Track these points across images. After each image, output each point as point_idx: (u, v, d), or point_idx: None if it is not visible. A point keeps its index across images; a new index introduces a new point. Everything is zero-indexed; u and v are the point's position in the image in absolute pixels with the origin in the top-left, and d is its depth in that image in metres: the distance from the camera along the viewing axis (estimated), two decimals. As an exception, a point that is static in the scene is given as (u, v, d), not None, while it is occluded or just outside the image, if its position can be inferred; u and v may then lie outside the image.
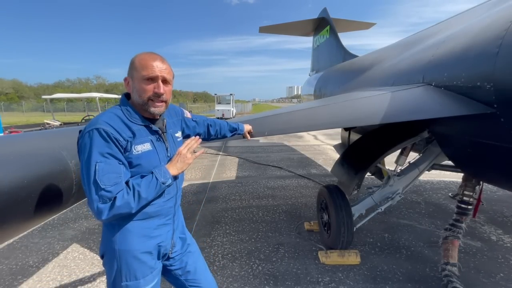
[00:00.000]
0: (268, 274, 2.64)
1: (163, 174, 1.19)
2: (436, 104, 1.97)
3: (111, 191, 1.05)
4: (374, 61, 3.90)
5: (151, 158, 1.21)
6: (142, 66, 1.17)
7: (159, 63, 1.20)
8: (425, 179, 5.56)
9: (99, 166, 1.05)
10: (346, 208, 2.80)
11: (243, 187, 5.31)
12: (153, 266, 1.28)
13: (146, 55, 1.20)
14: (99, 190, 1.03)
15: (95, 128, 1.07)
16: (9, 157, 1.34)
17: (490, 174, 2.15)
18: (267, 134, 2.29)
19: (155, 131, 1.26)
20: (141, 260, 1.22)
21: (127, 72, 1.25)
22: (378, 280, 2.53)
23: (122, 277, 1.20)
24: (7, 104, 41.89)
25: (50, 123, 11.10)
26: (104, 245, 1.24)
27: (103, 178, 1.04)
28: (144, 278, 1.24)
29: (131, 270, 1.21)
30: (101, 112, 1.20)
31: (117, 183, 1.07)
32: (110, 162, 1.08)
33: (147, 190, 1.14)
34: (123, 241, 1.19)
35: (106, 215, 1.05)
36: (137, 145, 1.17)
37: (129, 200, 1.09)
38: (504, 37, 1.57)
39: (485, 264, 2.78)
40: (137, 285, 1.22)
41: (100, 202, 1.04)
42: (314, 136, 12.80)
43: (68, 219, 3.89)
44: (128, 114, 1.19)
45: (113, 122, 1.12)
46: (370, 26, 8.38)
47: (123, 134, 1.13)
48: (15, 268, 2.76)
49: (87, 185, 1.05)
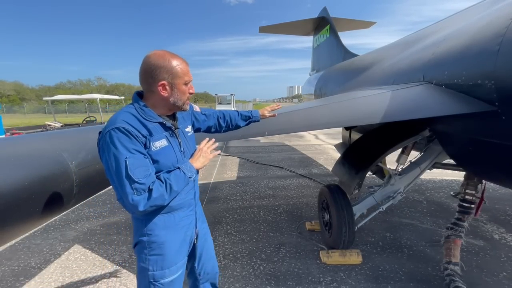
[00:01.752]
0: (269, 274, 2.63)
1: (189, 169, 1.29)
2: (437, 102, 1.96)
3: (144, 183, 1.11)
4: (374, 60, 3.89)
5: (168, 153, 1.27)
6: (183, 72, 1.27)
7: (189, 67, 1.32)
8: (427, 178, 5.54)
9: (129, 161, 1.10)
10: (347, 208, 2.79)
11: (244, 187, 5.31)
12: (179, 258, 1.37)
13: (179, 59, 1.27)
14: (132, 183, 1.09)
15: (116, 127, 1.13)
16: (11, 159, 1.34)
17: (492, 172, 2.14)
18: (268, 134, 2.29)
19: (169, 128, 1.31)
20: (167, 251, 1.31)
21: (148, 75, 1.24)
22: (380, 280, 2.52)
23: (150, 266, 1.29)
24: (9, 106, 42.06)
25: (52, 125, 11.13)
26: (136, 236, 1.33)
27: (135, 171, 1.10)
28: (169, 269, 1.32)
29: (158, 260, 1.29)
30: (116, 112, 1.24)
31: (147, 175, 1.13)
32: (137, 156, 1.13)
33: (177, 183, 1.22)
34: (151, 234, 1.28)
35: (143, 206, 1.11)
36: (155, 142, 1.22)
37: (163, 192, 1.16)
38: (505, 35, 1.56)
39: (488, 263, 2.77)
40: (163, 275, 1.31)
41: (135, 195, 1.10)
42: (315, 135, 12.79)
43: (70, 220, 3.90)
44: (143, 112, 1.24)
45: (130, 121, 1.18)
46: (370, 25, 8.37)
47: (141, 131, 1.18)
48: (17, 269, 2.77)
49: (119, 181, 1.11)
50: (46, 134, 1.95)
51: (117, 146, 1.11)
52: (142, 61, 1.25)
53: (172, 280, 1.34)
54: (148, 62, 1.22)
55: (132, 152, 1.12)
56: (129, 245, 3.20)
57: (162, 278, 1.31)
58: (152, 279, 1.30)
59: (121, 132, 1.12)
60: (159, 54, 1.23)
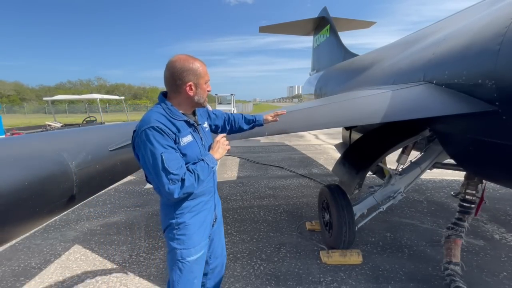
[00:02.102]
0: (269, 274, 2.63)
1: (211, 160, 1.47)
2: (437, 102, 1.96)
3: (178, 173, 1.28)
4: (375, 60, 3.89)
5: (194, 147, 1.44)
6: (205, 73, 1.45)
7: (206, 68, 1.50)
8: (427, 178, 5.53)
9: (164, 156, 1.26)
10: (347, 208, 2.79)
11: (244, 187, 5.31)
12: (202, 238, 1.55)
13: (201, 63, 1.44)
14: (168, 174, 1.25)
15: (151, 126, 1.28)
16: (11, 159, 1.34)
17: (492, 172, 2.14)
18: (268, 134, 2.28)
19: (192, 124, 1.48)
20: (193, 232, 1.49)
21: (176, 77, 1.39)
22: (380, 280, 2.52)
23: (178, 245, 1.47)
24: (9, 106, 42.07)
25: (52, 125, 11.13)
26: (164, 221, 1.51)
27: (170, 164, 1.26)
28: (194, 247, 1.50)
29: (184, 240, 1.48)
30: (147, 112, 1.39)
31: (180, 167, 1.30)
32: (170, 151, 1.29)
33: (203, 173, 1.39)
34: (179, 217, 1.46)
35: (177, 193, 1.29)
36: (183, 138, 1.38)
37: (193, 181, 1.34)
38: (505, 34, 1.56)
39: (488, 263, 2.76)
40: (189, 253, 1.49)
41: (171, 184, 1.27)
42: (315, 135, 12.79)
43: (70, 221, 3.90)
44: (170, 112, 1.39)
45: (162, 120, 1.33)
46: (370, 25, 8.37)
47: (171, 129, 1.34)
48: (17, 270, 2.77)
49: (156, 173, 1.27)
50: (46, 134, 1.95)
51: (153, 143, 1.26)
52: (168, 66, 1.39)
53: (196, 258, 1.52)
54: (175, 66, 1.38)
55: (166, 147, 1.28)
56: (129, 245, 3.21)
57: (189, 256, 1.49)
58: (180, 257, 1.48)
59: (155, 130, 1.27)
60: (183, 58, 1.40)
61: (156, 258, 2.92)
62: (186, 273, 1.51)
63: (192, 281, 1.54)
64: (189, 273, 1.51)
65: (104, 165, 1.83)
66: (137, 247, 3.16)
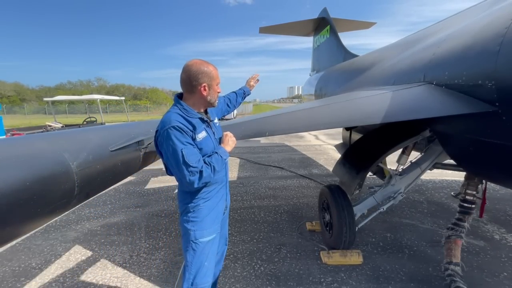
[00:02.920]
0: (270, 274, 2.63)
1: (224, 153, 1.64)
2: (437, 103, 1.96)
3: (197, 166, 1.45)
4: (375, 60, 3.89)
5: (208, 142, 1.61)
6: (216, 76, 1.63)
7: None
8: (427, 178, 5.53)
9: (185, 151, 1.43)
10: (348, 208, 2.79)
11: (244, 188, 5.31)
12: (214, 222, 1.70)
13: (213, 67, 1.62)
14: (188, 167, 1.43)
15: (172, 126, 1.45)
16: (11, 160, 1.34)
17: (492, 173, 2.14)
18: (268, 135, 2.29)
19: (205, 121, 1.65)
20: (206, 216, 1.64)
21: (192, 79, 1.55)
22: (381, 280, 2.52)
23: (192, 227, 1.63)
24: (9, 107, 42.07)
25: (52, 125, 11.14)
26: (182, 205, 1.67)
27: (190, 158, 1.43)
28: (207, 230, 1.65)
29: (198, 222, 1.63)
30: (166, 113, 1.56)
31: (198, 160, 1.47)
32: (189, 147, 1.46)
33: (218, 165, 1.56)
34: (194, 201, 1.62)
35: (197, 184, 1.47)
36: (198, 134, 1.55)
37: (210, 172, 1.51)
38: (505, 35, 1.56)
39: (489, 263, 2.76)
40: (202, 234, 1.64)
41: (191, 176, 1.44)
42: (315, 136, 12.79)
43: (71, 221, 3.90)
44: (185, 111, 1.56)
45: (180, 120, 1.50)
46: (370, 26, 8.37)
47: (189, 127, 1.51)
48: (18, 270, 2.77)
49: (178, 167, 1.44)
50: (47, 134, 1.95)
51: (174, 141, 1.44)
52: (185, 69, 1.57)
53: (208, 240, 1.66)
54: (191, 70, 1.55)
55: (185, 144, 1.45)
56: (130, 245, 3.21)
57: (201, 237, 1.63)
58: (194, 238, 1.62)
59: (175, 129, 1.45)
60: (199, 62, 1.58)
61: (157, 258, 2.92)
62: (199, 253, 1.64)
63: (203, 263, 1.66)
64: (202, 254, 1.65)
65: (105, 166, 1.83)
66: (138, 247, 3.16)
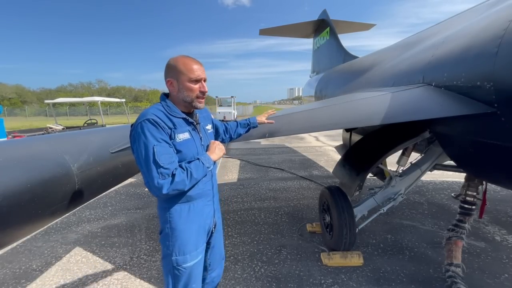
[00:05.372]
0: (270, 276, 2.63)
1: (207, 160, 1.44)
2: (437, 104, 1.97)
3: (169, 168, 1.26)
4: (374, 62, 3.90)
5: (190, 145, 1.42)
6: (188, 70, 1.38)
7: (200, 66, 1.43)
8: (428, 180, 5.53)
9: (156, 149, 1.25)
10: (348, 210, 2.79)
11: (244, 189, 5.31)
12: (199, 244, 1.50)
13: (188, 60, 1.41)
14: (158, 167, 1.23)
15: (146, 119, 1.28)
16: (13, 162, 1.35)
17: (492, 174, 2.14)
18: (268, 136, 2.29)
19: (191, 123, 1.47)
20: (188, 238, 1.44)
21: (164, 75, 1.45)
22: (382, 282, 2.51)
23: (173, 252, 1.43)
24: (10, 109, 42.21)
25: (53, 127, 11.16)
26: (161, 224, 1.47)
27: (161, 157, 1.24)
28: (190, 254, 1.45)
29: (180, 246, 1.42)
30: (146, 108, 1.40)
31: (172, 162, 1.28)
32: (163, 145, 1.28)
33: (197, 172, 1.36)
34: (174, 221, 1.41)
35: (167, 189, 1.25)
36: (179, 134, 1.37)
37: (184, 177, 1.30)
38: (503, 37, 1.57)
39: (490, 264, 2.76)
40: (185, 260, 1.44)
41: (161, 178, 1.24)
42: (316, 137, 12.79)
43: (71, 223, 3.91)
44: (168, 108, 1.40)
45: (158, 114, 1.34)
46: (370, 27, 8.39)
47: (167, 123, 1.34)
48: (18, 272, 2.77)
49: (146, 166, 1.25)
50: (48, 136, 1.96)
51: (146, 135, 1.26)
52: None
53: (193, 264, 1.47)
54: (166, 64, 1.43)
55: (159, 141, 1.27)
56: (130, 247, 3.21)
57: (184, 262, 1.43)
58: (176, 264, 1.43)
59: (150, 123, 1.28)
60: (174, 57, 1.42)
61: (157, 260, 2.92)
62: (184, 278, 1.46)
63: (190, 285, 1.49)
64: (187, 279, 1.47)
65: (105, 167, 1.84)
66: (138, 249, 3.16)
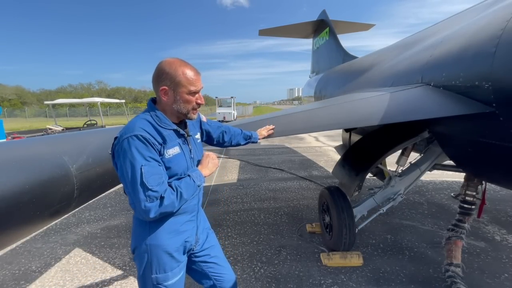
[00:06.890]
0: (270, 276, 2.63)
1: (198, 177, 1.32)
2: (435, 104, 1.97)
3: (158, 190, 1.14)
4: (373, 62, 3.91)
5: (180, 160, 1.30)
6: (189, 82, 1.26)
7: (199, 76, 1.31)
8: (427, 179, 5.53)
9: (145, 169, 1.12)
10: (347, 210, 2.79)
11: (244, 190, 5.31)
12: (180, 260, 1.37)
13: (187, 69, 1.26)
14: (146, 190, 1.12)
15: (134, 135, 1.15)
16: (12, 163, 1.35)
17: (491, 173, 2.15)
18: (268, 136, 2.29)
19: (182, 135, 1.34)
20: (169, 254, 1.31)
21: (155, 79, 1.28)
22: (381, 282, 2.51)
23: (152, 270, 1.30)
24: (10, 110, 42.25)
25: (53, 128, 11.17)
26: (135, 241, 1.33)
27: (149, 179, 1.12)
28: (172, 271, 1.33)
29: (160, 263, 1.30)
30: (133, 118, 1.26)
31: (161, 183, 1.16)
32: (152, 164, 1.16)
33: (187, 191, 1.25)
34: (153, 237, 1.28)
35: (154, 213, 1.14)
36: (169, 149, 1.25)
37: (174, 200, 1.19)
38: (501, 37, 1.57)
39: (489, 264, 2.76)
40: (166, 278, 1.31)
41: (148, 202, 1.12)
42: (315, 137, 12.79)
43: (71, 224, 3.90)
44: (158, 119, 1.27)
45: (147, 128, 1.20)
46: (369, 28, 8.41)
47: (157, 139, 1.21)
48: (18, 273, 2.77)
49: (133, 187, 1.13)
50: (47, 138, 1.96)
51: (133, 154, 1.13)
52: (157, 66, 1.28)
53: (174, 282, 1.35)
54: (158, 67, 1.26)
55: (148, 160, 1.15)
56: (130, 248, 3.20)
57: (166, 280, 1.32)
58: (156, 282, 1.30)
59: (138, 139, 1.14)
60: (169, 61, 1.26)
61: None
62: None
63: None
64: None
65: (105, 168, 1.84)
66: (138, 250, 3.16)
